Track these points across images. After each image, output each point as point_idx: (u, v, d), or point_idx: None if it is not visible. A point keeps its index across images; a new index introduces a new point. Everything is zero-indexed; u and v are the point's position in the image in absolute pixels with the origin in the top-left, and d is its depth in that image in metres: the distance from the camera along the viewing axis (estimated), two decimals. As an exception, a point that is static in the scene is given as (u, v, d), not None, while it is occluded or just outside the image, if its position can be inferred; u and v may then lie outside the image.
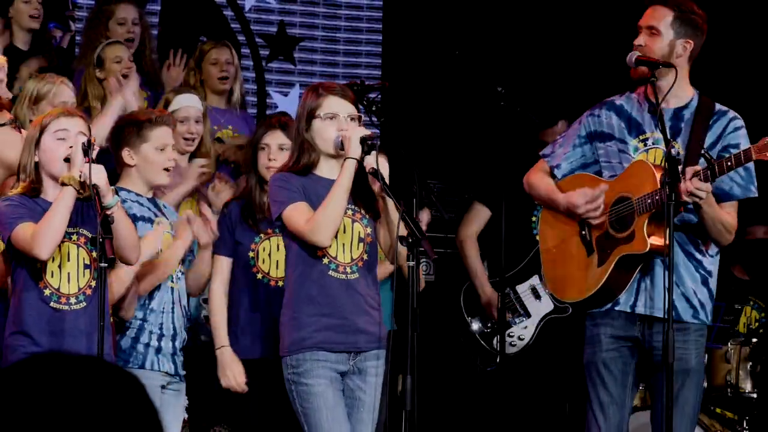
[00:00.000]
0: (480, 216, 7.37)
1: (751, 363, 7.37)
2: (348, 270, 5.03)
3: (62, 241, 4.99)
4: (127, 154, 5.53)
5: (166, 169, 5.54)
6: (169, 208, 5.76)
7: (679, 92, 5.27)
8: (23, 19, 7.24)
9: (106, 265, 4.85)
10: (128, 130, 5.56)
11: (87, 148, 4.93)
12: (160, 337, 5.47)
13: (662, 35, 5.24)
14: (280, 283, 5.40)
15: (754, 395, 7.40)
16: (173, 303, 5.52)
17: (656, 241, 5.13)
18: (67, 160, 4.95)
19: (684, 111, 5.28)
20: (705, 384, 5.34)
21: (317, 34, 9.07)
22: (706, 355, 7.46)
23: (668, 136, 5.08)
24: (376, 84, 7.12)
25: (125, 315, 5.39)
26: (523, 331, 7.21)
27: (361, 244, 5.07)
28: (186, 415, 5.66)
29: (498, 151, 7.23)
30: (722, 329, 7.39)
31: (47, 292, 5.02)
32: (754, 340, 7.44)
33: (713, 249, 5.29)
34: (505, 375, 7.16)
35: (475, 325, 7.34)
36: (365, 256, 5.08)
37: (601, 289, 5.25)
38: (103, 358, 4.29)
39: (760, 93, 8.70)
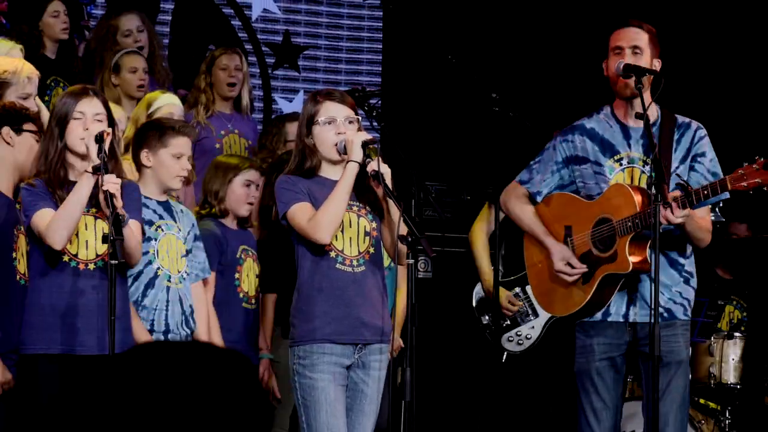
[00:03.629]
0: (492, 216, 7.34)
1: (733, 356, 7.38)
2: (355, 263, 5.05)
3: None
4: (144, 156, 5.53)
5: (180, 176, 5.54)
6: (187, 212, 5.76)
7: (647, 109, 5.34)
8: (53, 31, 7.24)
9: (117, 262, 4.79)
10: (151, 133, 5.56)
11: (100, 141, 4.90)
12: (150, 332, 5.42)
13: (644, 54, 5.29)
14: (90, 266, 5.03)
15: (737, 386, 7.41)
16: (168, 302, 5.48)
17: (637, 260, 5.23)
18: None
19: (652, 128, 5.31)
20: (690, 375, 5.39)
21: (320, 43, 9.08)
22: (690, 348, 7.49)
23: (654, 143, 5.13)
24: (376, 90, 7.13)
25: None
26: (530, 331, 7.17)
27: (367, 238, 5.09)
28: None
29: (492, 154, 7.22)
30: (706, 324, 7.40)
31: None
32: (737, 334, 7.46)
33: (690, 251, 5.39)
34: (508, 372, 7.15)
35: (485, 322, 7.30)
36: (371, 250, 5.09)
37: (587, 305, 5.32)
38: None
39: (716, 98, 8.72)
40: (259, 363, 6.12)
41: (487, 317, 7.32)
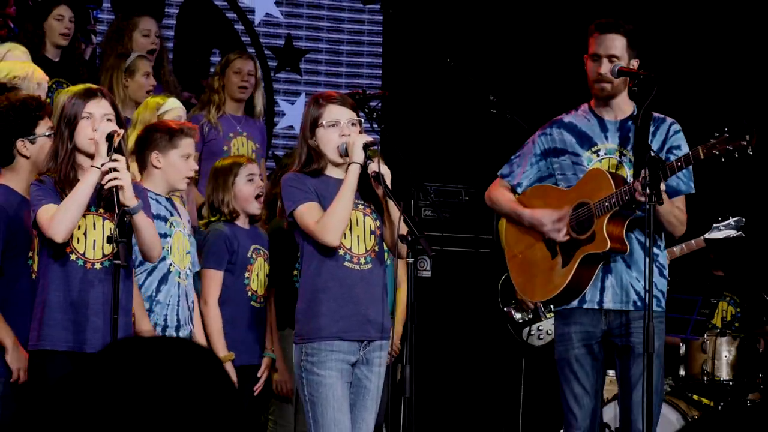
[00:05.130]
0: None
1: (726, 353, 7.41)
2: (362, 261, 5.07)
3: None
4: (155, 157, 5.53)
5: (187, 177, 5.57)
6: (184, 209, 5.78)
7: (624, 105, 5.40)
8: (54, 35, 7.25)
9: (121, 262, 4.78)
10: (160, 135, 5.55)
11: (110, 140, 4.86)
12: (164, 328, 5.47)
13: (621, 61, 5.34)
14: (97, 266, 4.98)
15: (730, 383, 7.44)
16: (179, 297, 5.52)
17: (615, 239, 5.25)
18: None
19: (629, 122, 5.37)
20: (662, 366, 5.39)
21: (322, 46, 9.11)
22: (684, 345, 7.51)
23: (648, 141, 5.16)
24: (376, 93, 7.15)
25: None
26: (551, 326, 7.17)
27: (373, 236, 5.12)
28: None
29: (490, 155, 7.26)
30: (699, 322, 7.42)
31: None
32: (728, 332, 7.49)
33: (663, 242, 5.40)
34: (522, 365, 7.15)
35: (505, 310, 7.31)
36: (376, 248, 5.12)
37: (567, 287, 5.32)
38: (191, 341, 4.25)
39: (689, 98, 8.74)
40: (261, 360, 6.12)
41: (509, 306, 7.32)
